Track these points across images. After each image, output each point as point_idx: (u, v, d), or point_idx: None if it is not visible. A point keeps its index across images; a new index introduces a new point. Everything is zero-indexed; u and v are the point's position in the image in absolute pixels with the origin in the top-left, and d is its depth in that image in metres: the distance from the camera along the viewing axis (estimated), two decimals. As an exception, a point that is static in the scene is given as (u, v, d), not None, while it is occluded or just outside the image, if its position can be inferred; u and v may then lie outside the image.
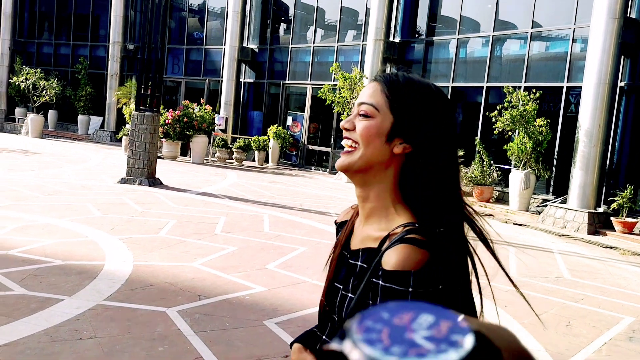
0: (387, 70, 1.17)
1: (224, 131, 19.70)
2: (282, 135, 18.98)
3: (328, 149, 18.91)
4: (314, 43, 19.50)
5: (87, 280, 4.84)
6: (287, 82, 20.11)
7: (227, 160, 18.93)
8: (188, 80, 23.21)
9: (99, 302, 4.34)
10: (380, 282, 0.99)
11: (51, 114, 25.65)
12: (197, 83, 22.97)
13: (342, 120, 1.21)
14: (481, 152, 13.85)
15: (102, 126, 24.69)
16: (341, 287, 1.11)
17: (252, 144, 18.96)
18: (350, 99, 15.92)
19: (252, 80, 21.21)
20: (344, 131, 1.13)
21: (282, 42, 20.73)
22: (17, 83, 23.26)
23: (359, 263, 1.08)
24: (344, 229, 1.22)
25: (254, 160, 19.46)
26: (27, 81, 22.77)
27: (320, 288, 4.44)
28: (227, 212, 9.03)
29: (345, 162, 1.12)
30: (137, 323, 3.99)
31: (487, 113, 13.83)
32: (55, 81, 23.50)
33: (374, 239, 1.08)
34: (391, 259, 0.99)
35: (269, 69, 20.70)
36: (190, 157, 18.46)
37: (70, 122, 26.00)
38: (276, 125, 19.32)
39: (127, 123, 17.45)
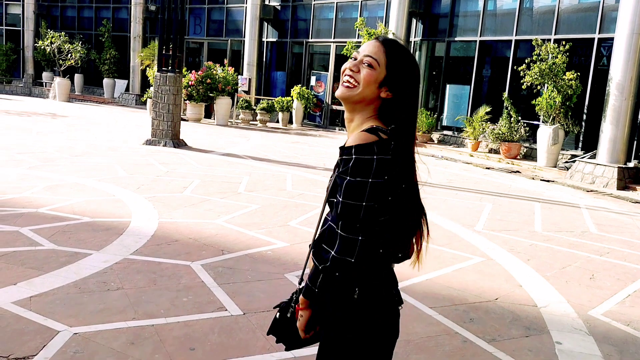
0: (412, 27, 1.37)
1: (247, 92, 19.67)
2: (306, 95, 18.86)
3: (352, 108, 18.71)
4: (337, -1, 19.12)
5: (114, 236, 4.96)
6: (310, 40, 19.86)
7: (250, 122, 18.96)
8: (210, 40, 23.09)
9: (125, 256, 4.46)
10: (339, 157, 1.53)
11: (77, 77, 25.91)
12: (220, 44, 22.84)
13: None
14: (509, 108, 13.57)
15: (127, 89, 24.88)
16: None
17: (275, 105, 18.91)
18: (374, 56, 15.62)
19: (274, 40, 21.00)
20: (347, 70, 1.60)
21: (304, -1, 20.40)
22: (42, 47, 23.47)
23: (339, 156, 1.56)
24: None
25: (277, 121, 19.44)
26: (52, 45, 22.95)
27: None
28: (250, 172, 9.09)
29: (346, 93, 1.60)
30: (162, 276, 4.10)
31: (515, 67, 13.48)
32: (79, 44, 23.64)
33: (348, 141, 1.56)
34: (348, 141, 1.55)
35: (292, 27, 20.43)
36: (214, 119, 18.53)
37: (96, 85, 26.26)
38: (300, 85, 19.18)
39: (151, 86, 17.54)
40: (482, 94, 15.71)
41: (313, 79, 19.70)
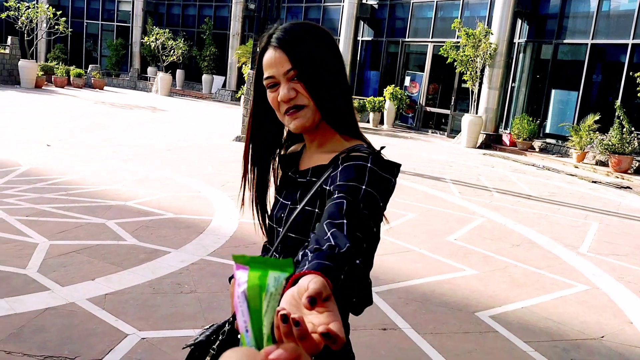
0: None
1: (340, 91, 19.51)
2: (399, 96, 18.43)
3: (447, 112, 18.08)
4: (437, -2, 18.51)
5: (194, 234, 4.91)
6: (406, 39, 19.37)
7: (342, 121, 18.79)
8: (306, 39, 23.17)
9: (202, 257, 4.37)
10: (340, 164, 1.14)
11: (179, 73, 27.00)
12: (316, 42, 22.86)
13: (466, 78, 1.51)
14: (621, 118, 12.43)
15: (224, 85, 25.59)
16: (289, 202, 1.26)
17: (367, 105, 18.62)
18: (475, 57, 14.94)
19: (370, 39, 20.71)
20: (285, 104, 1.19)
21: (403, -2, 19.95)
22: (148, 43, 24.66)
23: (308, 178, 1.24)
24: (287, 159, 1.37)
25: (368, 121, 19.15)
26: (157, 41, 24.04)
27: (427, 257, 4.04)
28: (337, 172, 8.87)
29: (305, 120, 1.20)
30: (237, 281, 3.95)
31: (631, 73, 12.33)
32: (182, 41, 24.60)
33: (324, 159, 1.22)
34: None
35: (389, 26, 20.04)
36: (306, 116, 18.54)
37: (195, 81, 27.24)
38: (393, 85, 18.77)
39: (246, 83, 17.83)
40: (591, 101, 14.54)
41: (407, 80, 19.21)
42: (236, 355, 0.42)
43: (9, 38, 21.21)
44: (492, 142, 15.53)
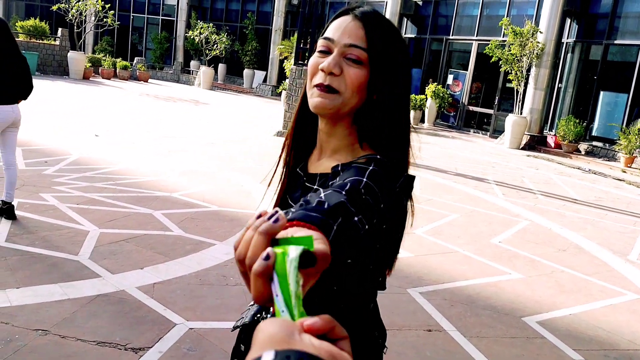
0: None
1: (381, 88, 19.40)
2: (441, 94, 18.20)
3: (490, 111, 17.77)
4: (483, -5, 18.18)
5: (238, 227, 4.96)
6: (450, 37, 19.10)
7: (382, 118, 18.69)
8: (348, 35, 23.09)
9: (247, 250, 4.41)
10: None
11: (221, 67, 27.29)
12: (357, 39, 22.75)
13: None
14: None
15: (264, 80, 25.76)
16: None
17: (408, 103, 18.45)
18: (521, 56, 14.63)
19: (412, 36, 20.50)
20: (322, 72, 1.07)
21: (447, -5, 19.67)
22: (192, 37, 25.00)
23: (316, 187, 1.11)
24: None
25: (409, 119, 18.97)
26: (200, 35, 24.35)
27: (472, 259, 3.99)
28: (378, 170, 8.82)
29: (329, 105, 1.07)
30: (280, 276, 3.98)
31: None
32: (225, 36, 24.84)
33: (331, 167, 1.08)
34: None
35: (432, 23, 19.79)
36: (346, 113, 18.51)
37: (236, 75, 27.50)
38: (435, 83, 18.54)
39: (287, 78, 17.90)
40: (642, 104, 14.06)
41: (450, 78, 18.95)
42: (272, 326, 0.44)
43: (59, 30, 21.82)
44: (536, 143, 15.19)
